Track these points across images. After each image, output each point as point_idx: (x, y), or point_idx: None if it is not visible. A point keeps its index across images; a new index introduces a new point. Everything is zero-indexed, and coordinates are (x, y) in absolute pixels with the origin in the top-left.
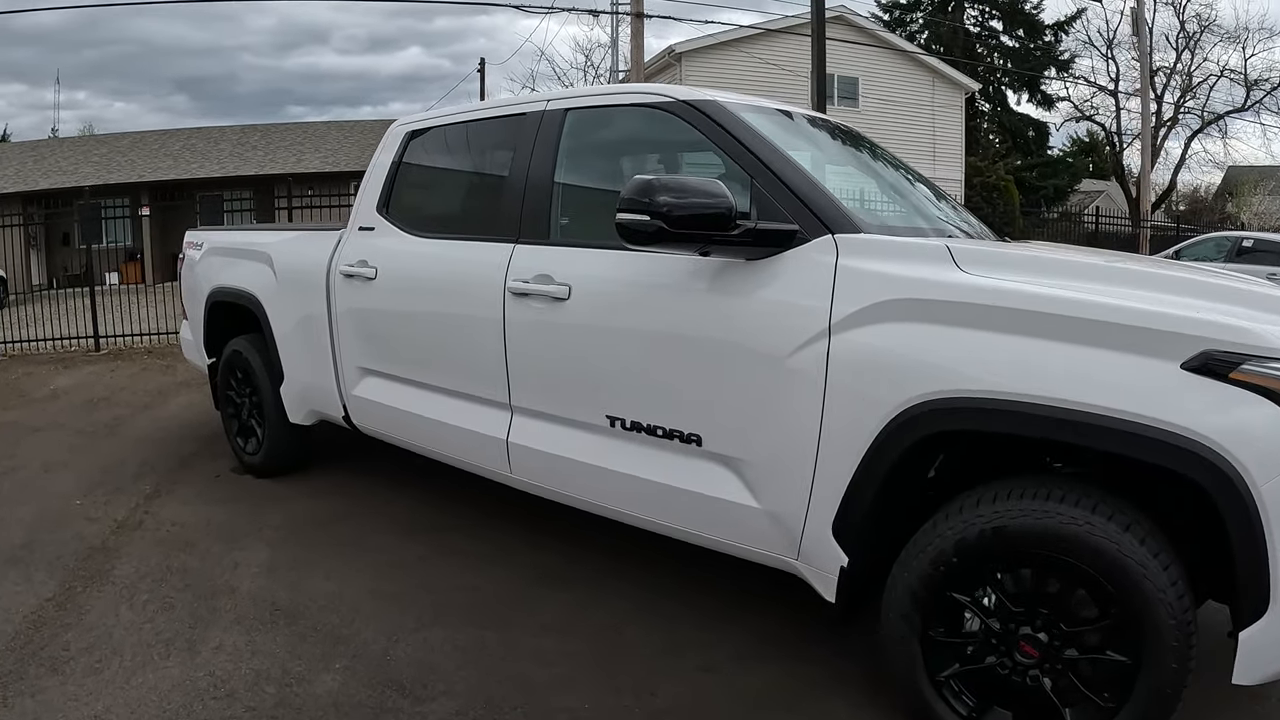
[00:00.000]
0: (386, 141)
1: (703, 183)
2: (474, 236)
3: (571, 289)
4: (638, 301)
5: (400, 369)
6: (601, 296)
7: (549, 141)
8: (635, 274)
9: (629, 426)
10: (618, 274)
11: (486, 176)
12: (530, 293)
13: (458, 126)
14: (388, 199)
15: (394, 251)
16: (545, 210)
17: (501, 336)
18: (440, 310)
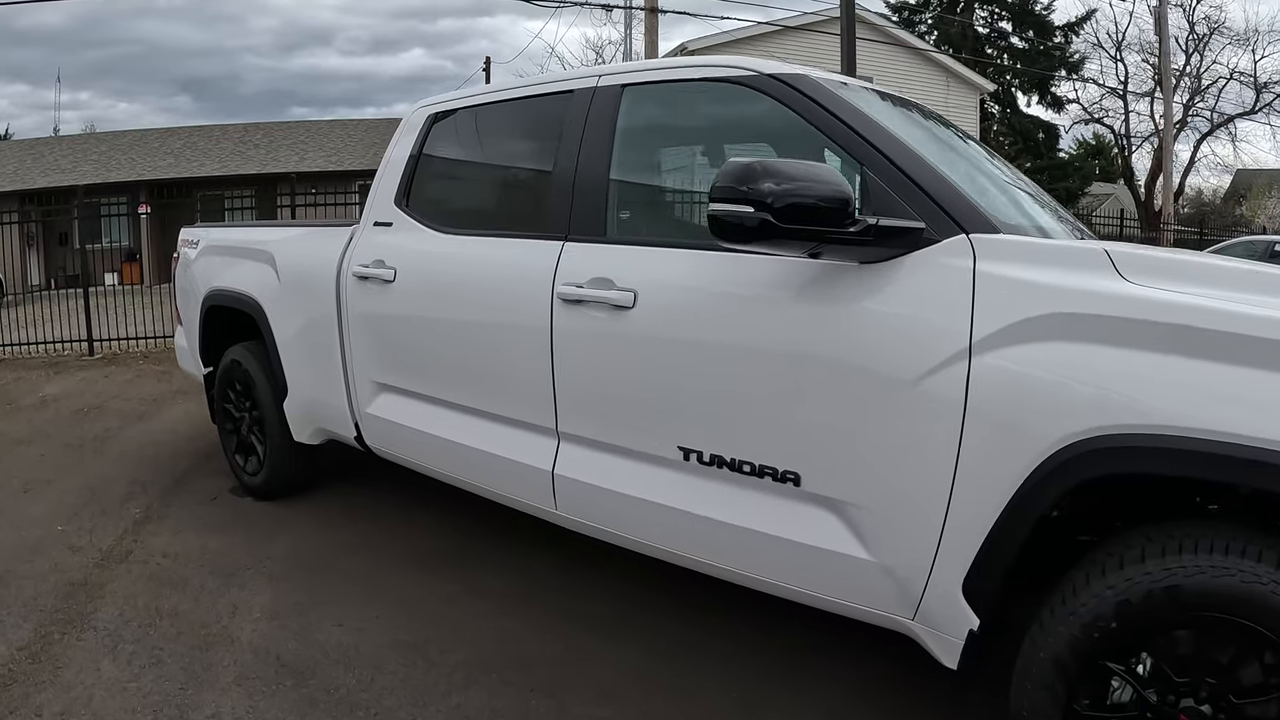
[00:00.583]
0: (406, 125)
1: (815, 168)
2: (512, 233)
3: (637, 296)
4: (721, 312)
5: (422, 385)
6: (675, 305)
7: (603, 123)
8: (718, 279)
9: (707, 461)
10: (696, 278)
11: (526, 164)
12: (585, 300)
13: (490, 107)
14: (408, 190)
15: (416, 250)
16: (600, 203)
17: (548, 351)
18: (472, 319)
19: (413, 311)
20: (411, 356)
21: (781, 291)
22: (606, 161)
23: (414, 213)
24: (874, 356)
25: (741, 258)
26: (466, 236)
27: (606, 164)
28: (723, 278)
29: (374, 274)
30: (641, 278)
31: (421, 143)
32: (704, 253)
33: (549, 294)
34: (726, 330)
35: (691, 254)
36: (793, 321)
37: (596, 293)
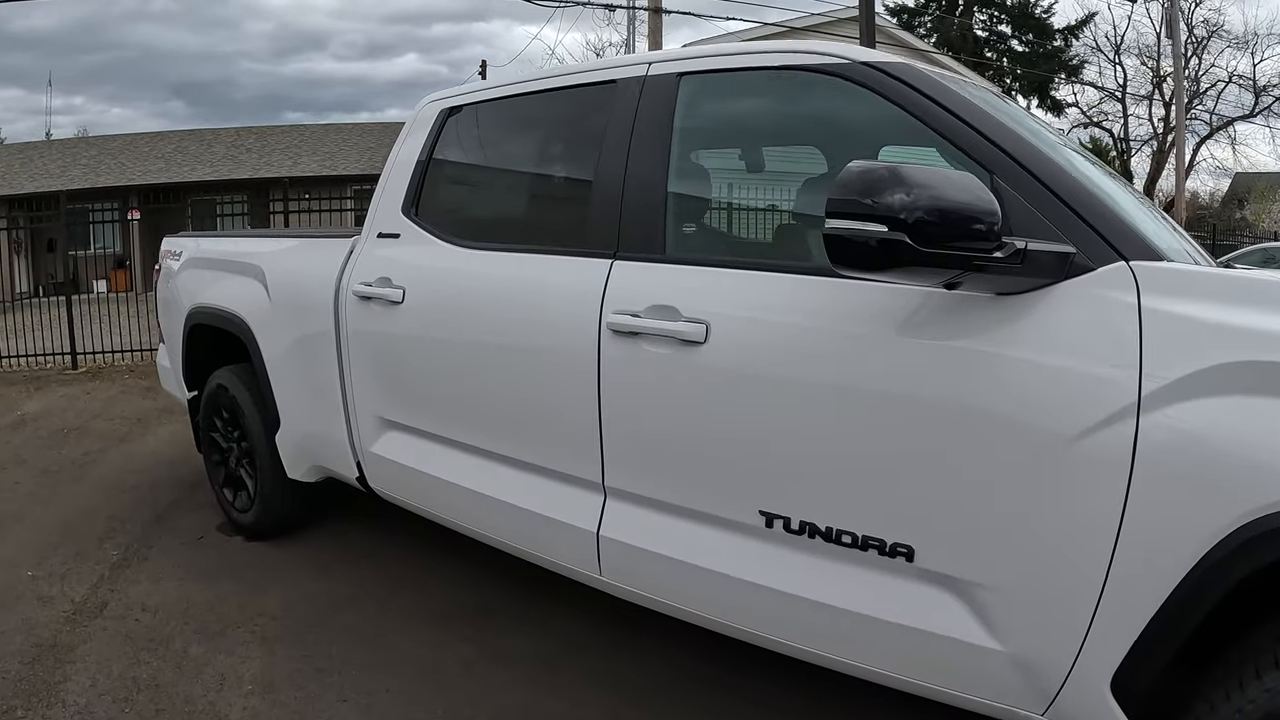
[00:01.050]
0: (415, 122)
1: (955, 176)
2: (547, 249)
3: (709, 329)
4: (819, 350)
5: (436, 425)
6: (759, 341)
7: (657, 119)
8: (815, 309)
9: (796, 529)
10: (785, 309)
11: (561, 167)
12: (643, 332)
13: (515, 101)
14: (417, 197)
15: (429, 267)
16: (656, 215)
17: (594, 391)
18: (498, 350)
19: (425, 339)
20: (424, 391)
21: (895, 327)
22: (662, 165)
23: (425, 223)
24: (1015, 410)
25: (844, 284)
26: (490, 252)
27: (662, 168)
28: (820, 308)
29: (378, 294)
30: (714, 306)
31: (434, 142)
32: (792, 277)
33: (595, 323)
34: (825, 373)
35: (776, 278)
36: (909, 364)
37: (657, 324)
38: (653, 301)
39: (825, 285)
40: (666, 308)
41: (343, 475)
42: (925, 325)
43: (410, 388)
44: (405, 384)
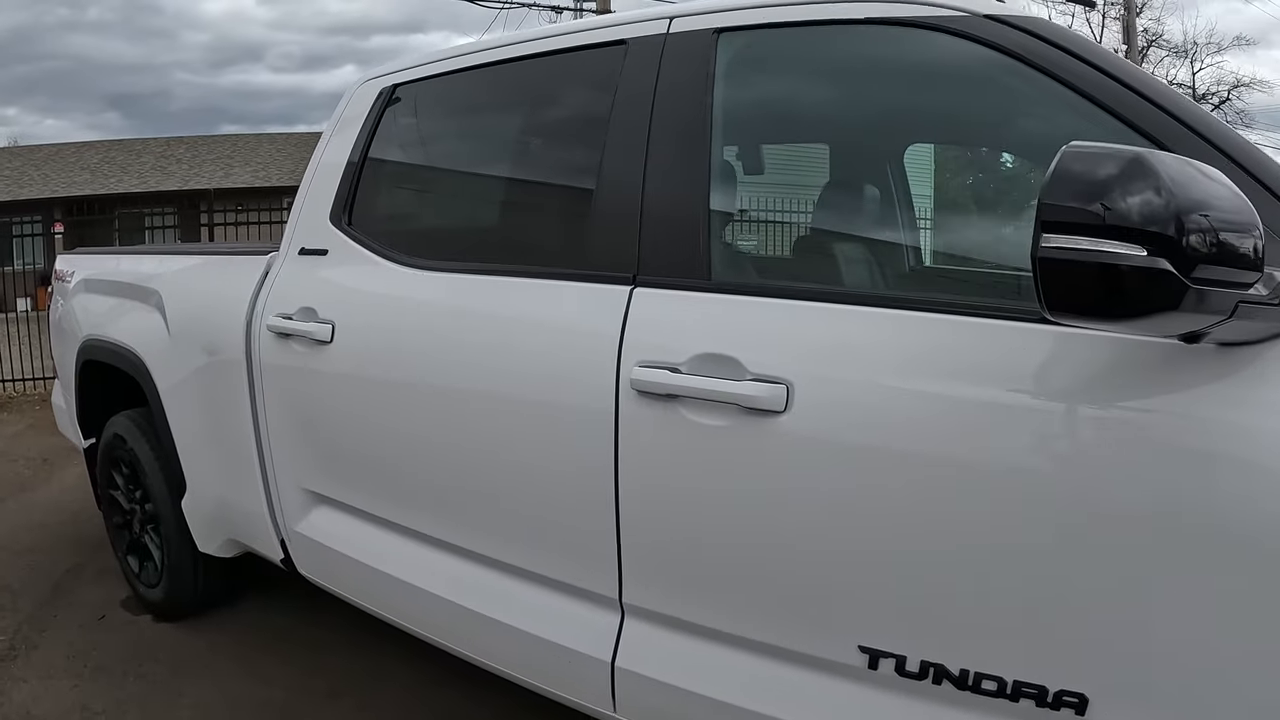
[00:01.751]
0: (348, 107)
1: (1208, 170)
2: (534, 271)
3: (792, 391)
4: (953, 425)
5: (382, 505)
6: (878, 412)
7: (686, 93)
8: (980, 368)
9: (914, 672)
10: (924, 363)
11: (551, 160)
12: (686, 393)
13: (482, 74)
14: (350, 202)
15: (366, 294)
16: (694, 226)
17: (609, 475)
18: (466, 412)
19: (362, 392)
20: (362, 461)
21: (1062, 383)
22: (699, 156)
23: (362, 236)
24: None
25: (990, 328)
26: (450, 275)
27: (699, 160)
28: (962, 360)
29: (299, 330)
30: (798, 358)
31: (372, 131)
32: (909, 315)
33: (610, 379)
34: (986, 462)
35: (901, 319)
36: (1090, 445)
37: (710, 384)
38: (700, 349)
39: (966, 330)
40: (722, 359)
41: (265, 554)
42: (1118, 390)
43: (344, 455)
44: (337, 450)
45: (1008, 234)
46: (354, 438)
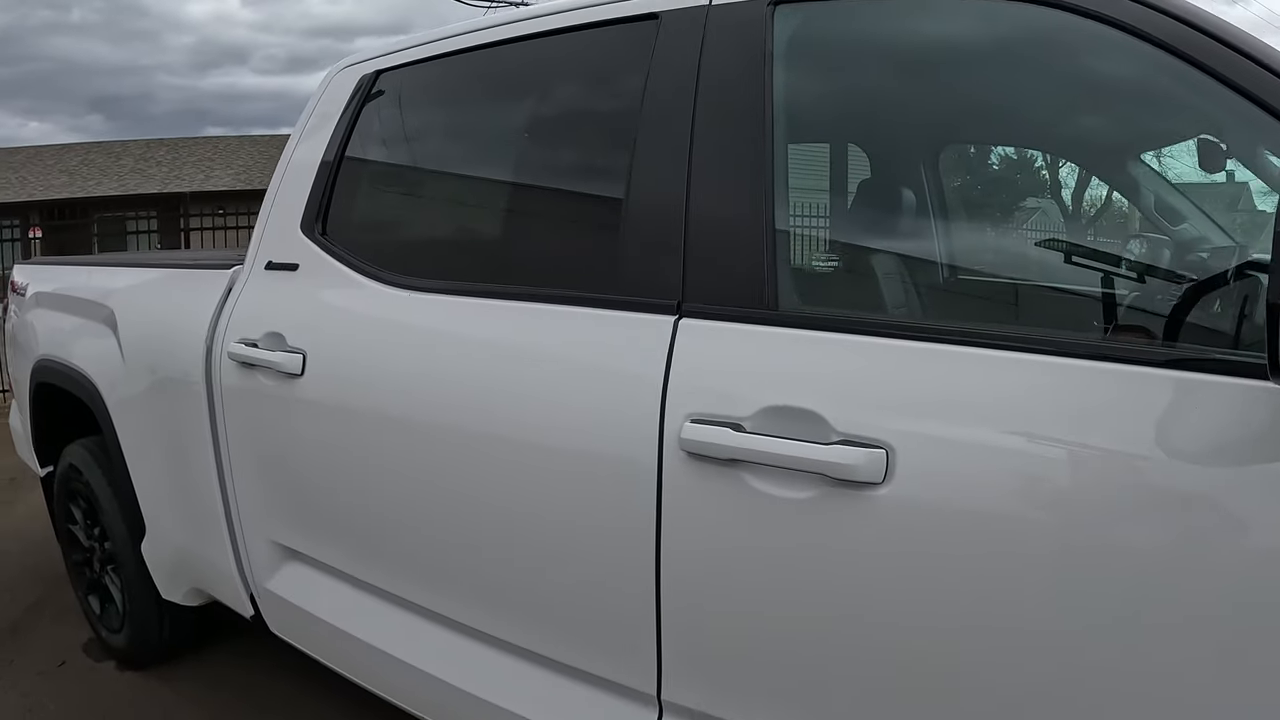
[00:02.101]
0: (323, 97)
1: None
2: (552, 296)
3: (893, 457)
4: (1112, 499)
5: (362, 566)
6: (998, 476)
7: (737, 76)
8: (1105, 424)
9: None
10: (1057, 418)
11: (572, 160)
12: (753, 459)
13: (479, 57)
14: (324, 209)
15: (343, 319)
16: (755, 241)
17: (650, 549)
18: (468, 466)
19: (339, 435)
20: (341, 515)
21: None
22: (759, 158)
23: (338, 247)
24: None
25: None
26: (446, 297)
27: (760, 162)
28: (1110, 424)
29: (265, 360)
30: (898, 416)
31: (350, 125)
32: (1047, 361)
33: (652, 434)
34: (1128, 542)
35: (1015, 362)
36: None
37: (784, 448)
38: (769, 400)
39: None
40: (799, 413)
41: (233, 606)
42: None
43: (319, 507)
44: (311, 501)
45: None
46: (330, 488)
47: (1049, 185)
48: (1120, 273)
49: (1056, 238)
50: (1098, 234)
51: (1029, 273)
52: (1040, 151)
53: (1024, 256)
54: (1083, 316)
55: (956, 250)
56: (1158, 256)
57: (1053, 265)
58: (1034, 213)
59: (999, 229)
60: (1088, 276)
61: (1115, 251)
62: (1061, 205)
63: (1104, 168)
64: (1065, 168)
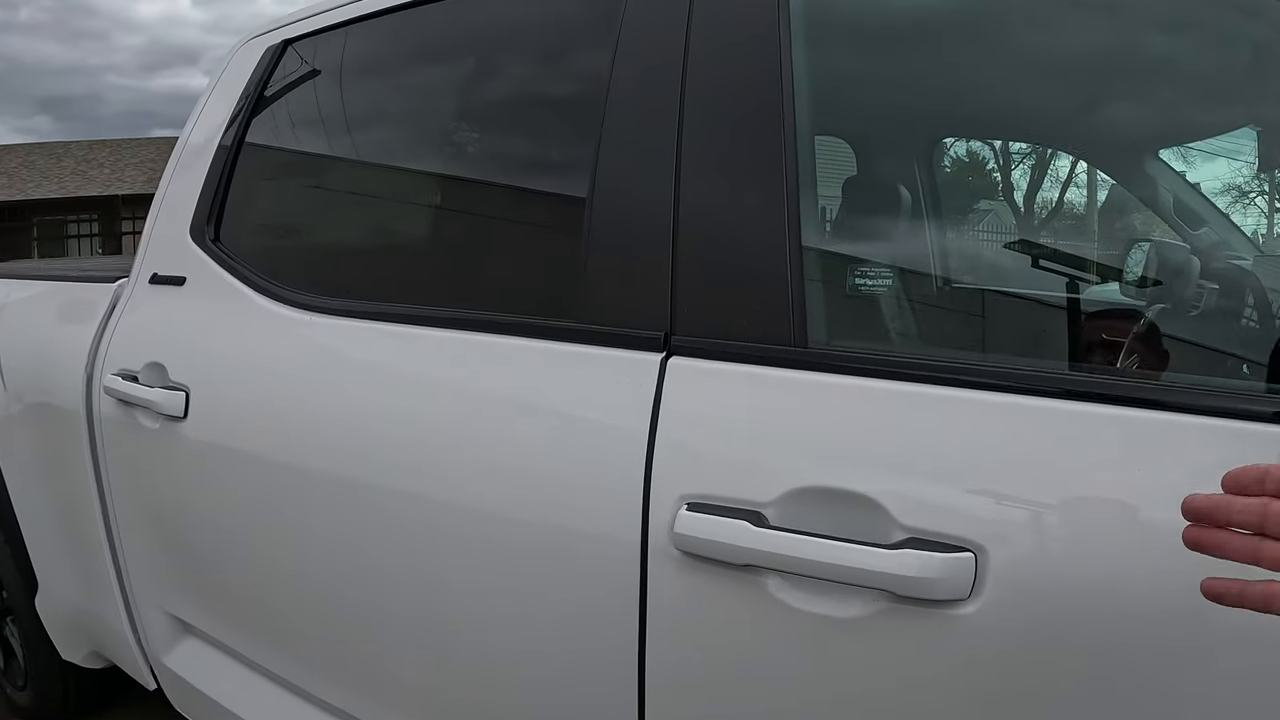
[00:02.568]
0: (223, 79)
1: None
2: (494, 325)
3: (984, 563)
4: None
5: (263, 651)
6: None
7: (742, 46)
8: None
9: None
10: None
11: (524, 149)
12: (778, 566)
13: (408, 19)
14: (217, 210)
15: (234, 345)
16: (773, 254)
17: (632, 658)
18: (390, 540)
19: (225, 494)
20: (233, 590)
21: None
22: (775, 151)
23: (232, 258)
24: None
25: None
26: (364, 323)
27: (777, 157)
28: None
29: (143, 398)
30: (993, 504)
31: (251, 107)
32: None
33: (633, 520)
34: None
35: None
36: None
37: (827, 552)
38: (803, 479)
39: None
40: (852, 498)
41: (135, 678)
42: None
43: (209, 580)
44: (201, 570)
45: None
46: (219, 558)
47: (1000, 186)
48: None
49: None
50: (1056, 237)
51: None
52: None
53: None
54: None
55: (1071, 269)
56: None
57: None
58: (987, 215)
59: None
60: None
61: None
62: (1014, 207)
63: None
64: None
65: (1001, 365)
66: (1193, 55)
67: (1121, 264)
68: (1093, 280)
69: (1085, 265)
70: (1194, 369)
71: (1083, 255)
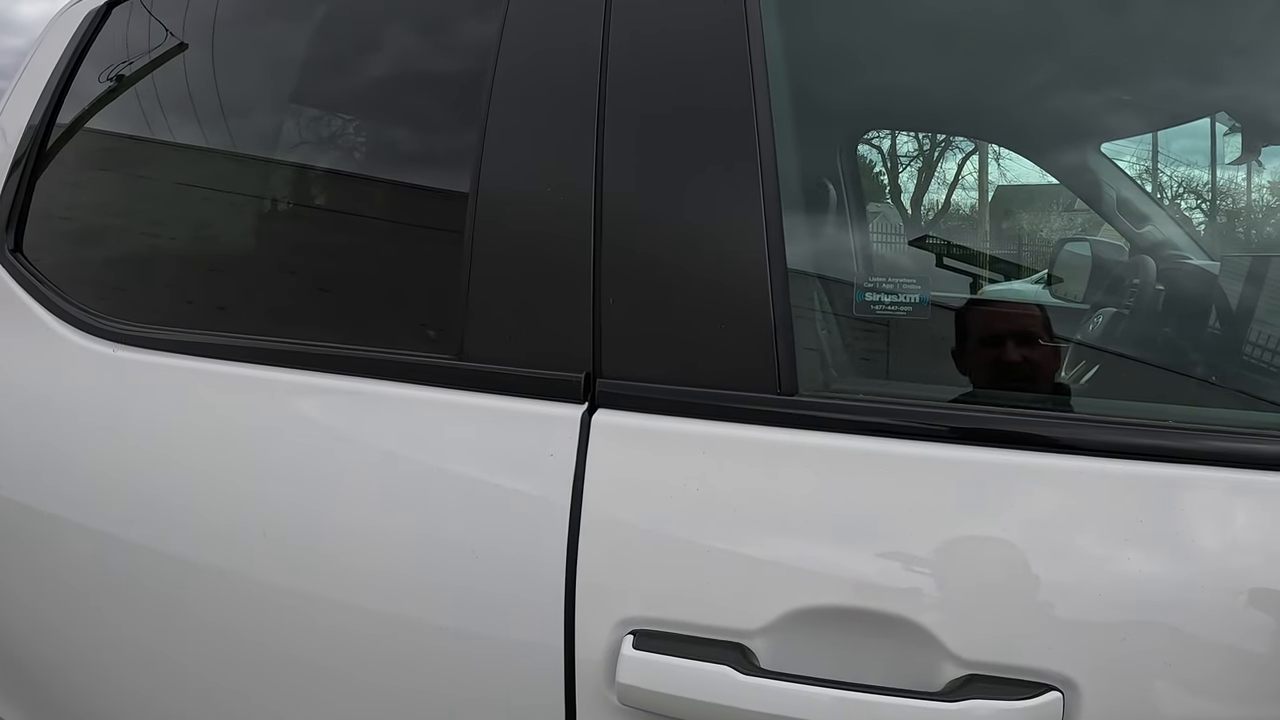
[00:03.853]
0: (37, 53)
1: None
2: (352, 364)
3: (1074, 705)
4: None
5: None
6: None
7: (682, 23)
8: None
9: None
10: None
11: (396, 129)
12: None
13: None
14: (19, 209)
15: (29, 390)
16: (750, 267)
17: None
18: (218, 624)
19: (13, 567)
20: (54, 682)
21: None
22: (741, 131)
23: (34, 274)
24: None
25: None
26: (184, 359)
27: (744, 139)
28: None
29: None
30: (1084, 628)
31: (62, 86)
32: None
33: (552, 660)
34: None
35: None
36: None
37: (850, 709)
38: (807, 597)
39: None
40: (885, 622)
41: None
42: None
43: (26, 669)
44: (16, 659)
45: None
46: (34, 644)
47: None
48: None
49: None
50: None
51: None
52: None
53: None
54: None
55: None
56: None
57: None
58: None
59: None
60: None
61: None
62: (900, 208)
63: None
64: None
65: (1077, 416)
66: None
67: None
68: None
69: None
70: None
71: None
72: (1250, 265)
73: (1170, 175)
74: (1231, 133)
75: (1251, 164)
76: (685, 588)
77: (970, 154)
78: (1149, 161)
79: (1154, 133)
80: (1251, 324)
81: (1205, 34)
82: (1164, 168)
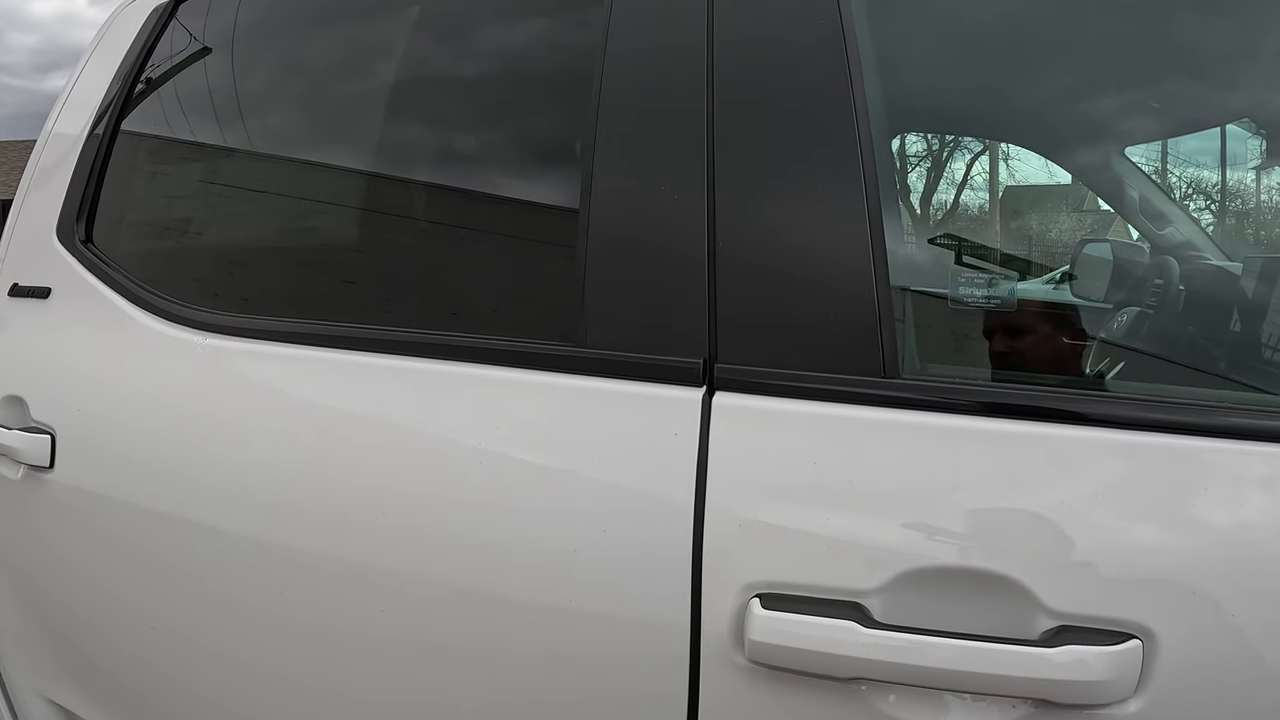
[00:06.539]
0: (99, 48)
1: None
2: (457, 352)
3: (1152, 652)
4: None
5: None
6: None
7: (783, 16)
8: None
9: None
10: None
11: (487, 135)
12: (880, 675)
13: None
14: (89, 206)
15: (110, 374)
16: (853, 257)
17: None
18: (336, 612)
19: (109, 559)
20: (124, 675)
21: None
22: (846, 143)
23: (108, 264)
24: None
25: None
26: (275, 346)
27: (847, 152)
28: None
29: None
30: (1164, 586)
31: (130, 83)
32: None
33: (682, 615)
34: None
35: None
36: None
37: (956, 654)
38: (917, 559)
39: None
40: (986, 580)
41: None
42: None
43: (93, 661)
44: (81, 650)
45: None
46: (103, 632)
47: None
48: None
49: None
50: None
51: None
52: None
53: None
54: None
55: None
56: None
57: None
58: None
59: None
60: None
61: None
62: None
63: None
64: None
65: (1153, 395)
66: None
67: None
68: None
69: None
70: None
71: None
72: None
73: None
74: (1255, 138)
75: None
76: (805, 553)
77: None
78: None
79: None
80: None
81: (1231, 41)
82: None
